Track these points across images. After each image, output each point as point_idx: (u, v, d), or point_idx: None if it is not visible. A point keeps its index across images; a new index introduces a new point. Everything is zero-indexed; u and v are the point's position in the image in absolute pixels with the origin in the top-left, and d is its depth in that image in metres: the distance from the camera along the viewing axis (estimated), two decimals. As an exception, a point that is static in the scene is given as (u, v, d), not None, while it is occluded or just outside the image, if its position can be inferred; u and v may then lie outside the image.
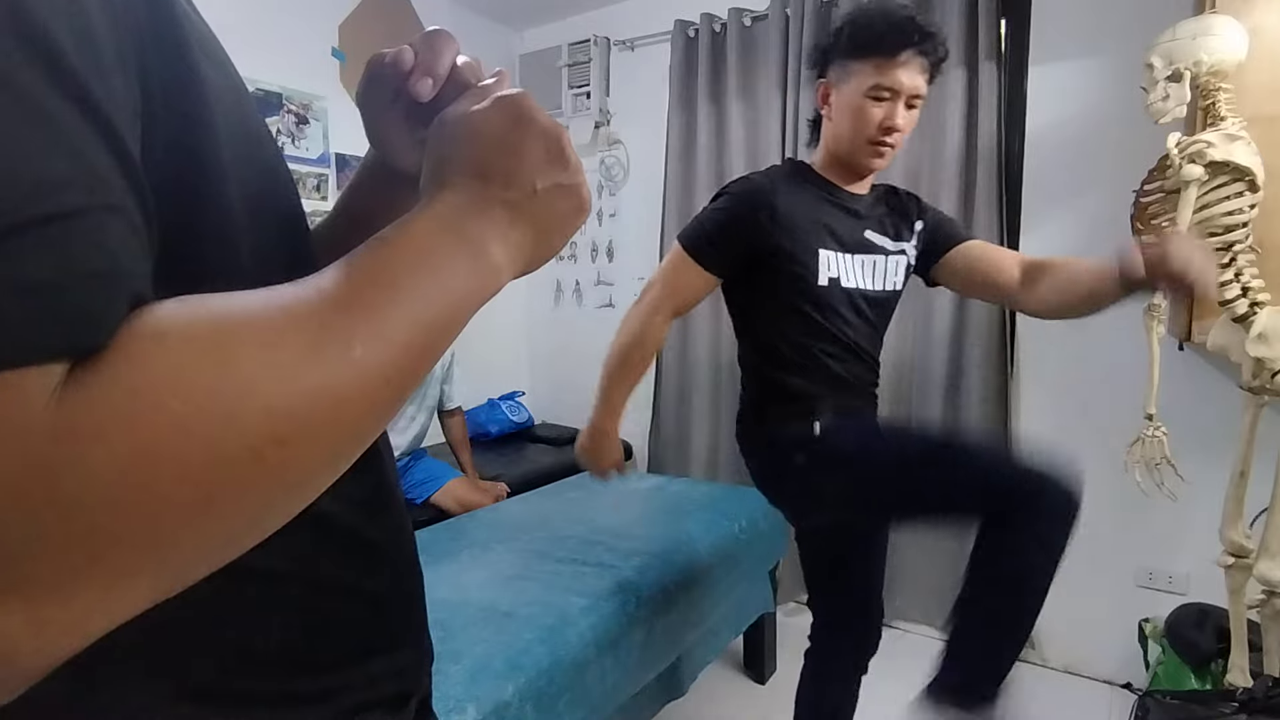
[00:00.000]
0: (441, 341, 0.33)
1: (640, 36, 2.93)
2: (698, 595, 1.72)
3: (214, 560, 0.27)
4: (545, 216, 0.39)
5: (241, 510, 0.26)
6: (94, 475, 0.22)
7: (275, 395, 0.26)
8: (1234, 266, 1.44)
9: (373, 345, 0.29)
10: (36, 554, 0.22)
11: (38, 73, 0.24)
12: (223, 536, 0.27)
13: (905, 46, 1.16)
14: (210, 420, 0.24)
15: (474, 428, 2.97)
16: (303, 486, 0.29)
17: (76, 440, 0.22)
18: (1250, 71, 1.48)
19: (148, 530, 0.24)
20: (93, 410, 0.23)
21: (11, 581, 0.22)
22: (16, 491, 0.22)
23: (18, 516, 0.22)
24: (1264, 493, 1.51)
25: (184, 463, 0.24)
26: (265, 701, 0.39)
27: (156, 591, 0.25)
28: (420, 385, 2.36)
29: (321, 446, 0.28)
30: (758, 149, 2.59)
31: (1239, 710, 1.37)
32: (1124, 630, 2.08)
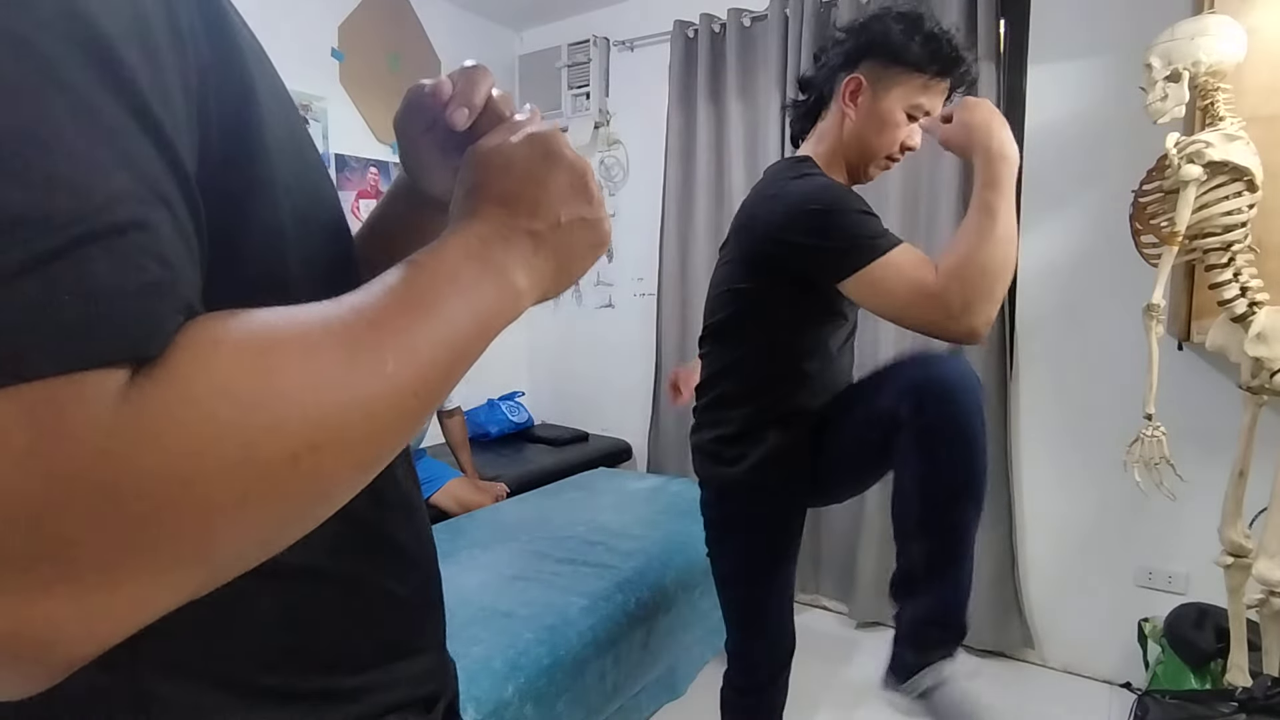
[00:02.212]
0: (466, 359, 0.34)
1: (640, 37, 2.93)
2: (697, 595, 1.72)
3: (250, 557, 0.29)
4: (567, 248, 0.41)
5: (277, 510, 0.28)
6: (146, 473, 0.24)
7: (313, 405, 0.27)
8: (1233, 266, 1.44)
9: (403, 361, 0.31)
10: (88, 543, 0.23)
11: (107, 89, 0.26)
12: (259, 534, 0.28)
13: (958, 73, 1.14)
14: (254, 427, 0.26)
15: (474, 428, 2.97)
16: (332, 492, 0.30)
17: (133, 440, 0.24)
18: (1249, 72, 1.49)
19: (193, 526, 0.25)
20: (150, 413, 0.24)
21: (63, 569, 0.23)
22: (74, 484, 0.23)
23: (74, 508, 0.23)
24: (1263, 492, 1.52)
25: (228, 464, 0.25)
26: (305, 698, 0.41)
27: (197, 584, 0.27)
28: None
29: (353, 454, 0.30)
30: (757, 149, 2.59)
31: (1238, 710, 1.37)
32: (1123, 630, 2.08)
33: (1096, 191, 2.06)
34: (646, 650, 1.54)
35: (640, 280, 3.04)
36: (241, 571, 0.28)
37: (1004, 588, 2.23)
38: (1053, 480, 2.21)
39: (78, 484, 0.23)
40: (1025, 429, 2.23)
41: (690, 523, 1.88)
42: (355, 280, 0.35)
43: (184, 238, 0.28)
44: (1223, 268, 1.44)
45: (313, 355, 0.28)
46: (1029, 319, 2.21)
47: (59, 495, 0.23)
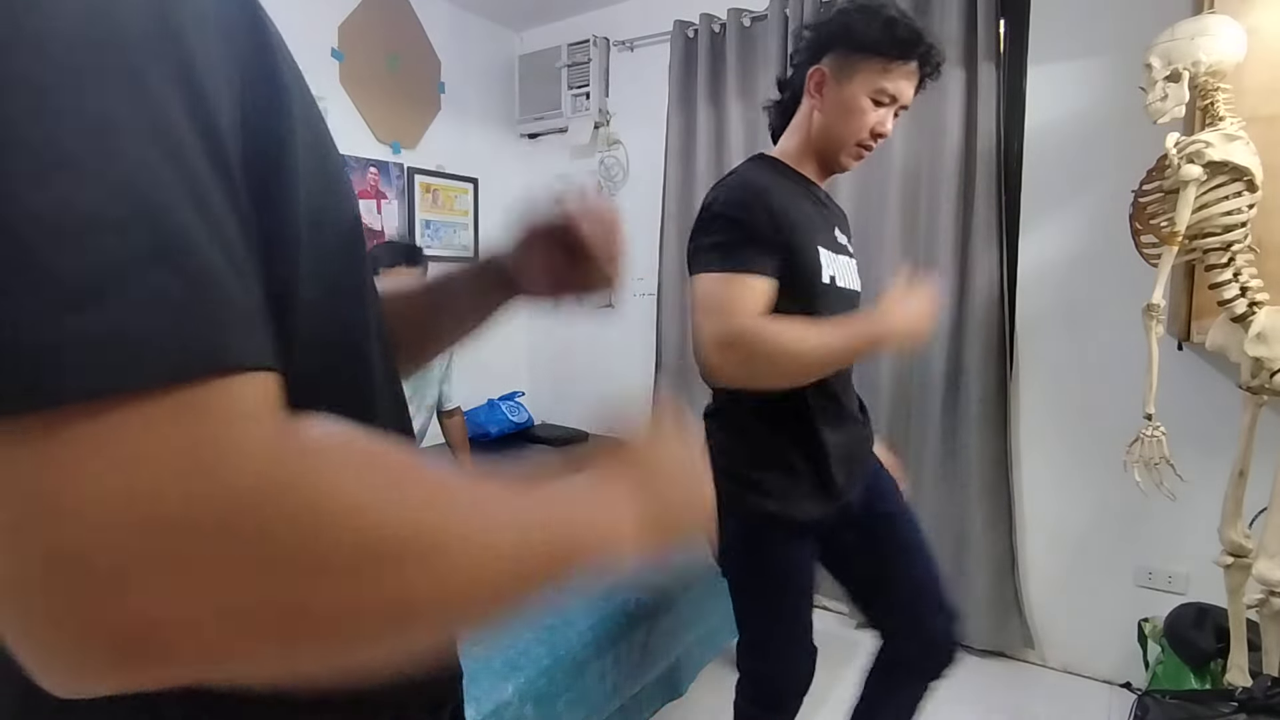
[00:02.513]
0: (523, 591, 0.34)
1: (639, 37, 2.93)
2: (698, 595, 1.72)
3: (324, 652, 0.28)
4: (676, 532, 0.46)
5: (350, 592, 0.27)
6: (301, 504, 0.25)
7: (427, 535, 0.29)
8: (1232, 266, 1.44)
9: (491, 558, 0.31)
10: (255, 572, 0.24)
11: (195, 136, 0.26)
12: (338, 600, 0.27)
13: (918, 53, 1.14)
14: (368, 512, 0.27)
15: (474, 428, 2.97)
16: (401, 619, 0.29)
17: (296, 471, 0.25)
18: (1249, 71, 1.49)
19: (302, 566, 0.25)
20: (305, 459, 0.26)
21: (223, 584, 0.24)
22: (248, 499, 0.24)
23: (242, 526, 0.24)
24: (1263, 492, 1.52)
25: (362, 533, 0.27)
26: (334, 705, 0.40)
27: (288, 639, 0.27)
28: (424, 390, 2.36)
29: (419, 593, 0.29)
30: (757, 149, 2.57)
31: (1238, 710, 1.37)
32: (1123, 630, 2.08)
33: (1096, 191, 2.06)
34: (646, 650, 1.54)
35: (640, 280, 3.04)
36: (319, 659, 0.28)
37: (1004, 588, 2.23)
38: (1053, 480, 2.21)
39: (248, 500, 0.24)
40: (1025, 429, 2.23)
41: (690, 523, 1.88)
42: (365, 287, 0.38)
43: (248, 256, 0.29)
44: (1223, 268, 1.44)
45: (425, 495, 0.30)
46: (1029, 319, 2.21)
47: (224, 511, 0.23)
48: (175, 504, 0.22)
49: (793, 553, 1.24)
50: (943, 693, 2.11)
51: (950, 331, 2.24)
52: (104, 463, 0.22)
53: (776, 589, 1.26)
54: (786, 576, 1.25)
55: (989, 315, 2.19)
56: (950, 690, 2.13)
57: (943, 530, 2.27)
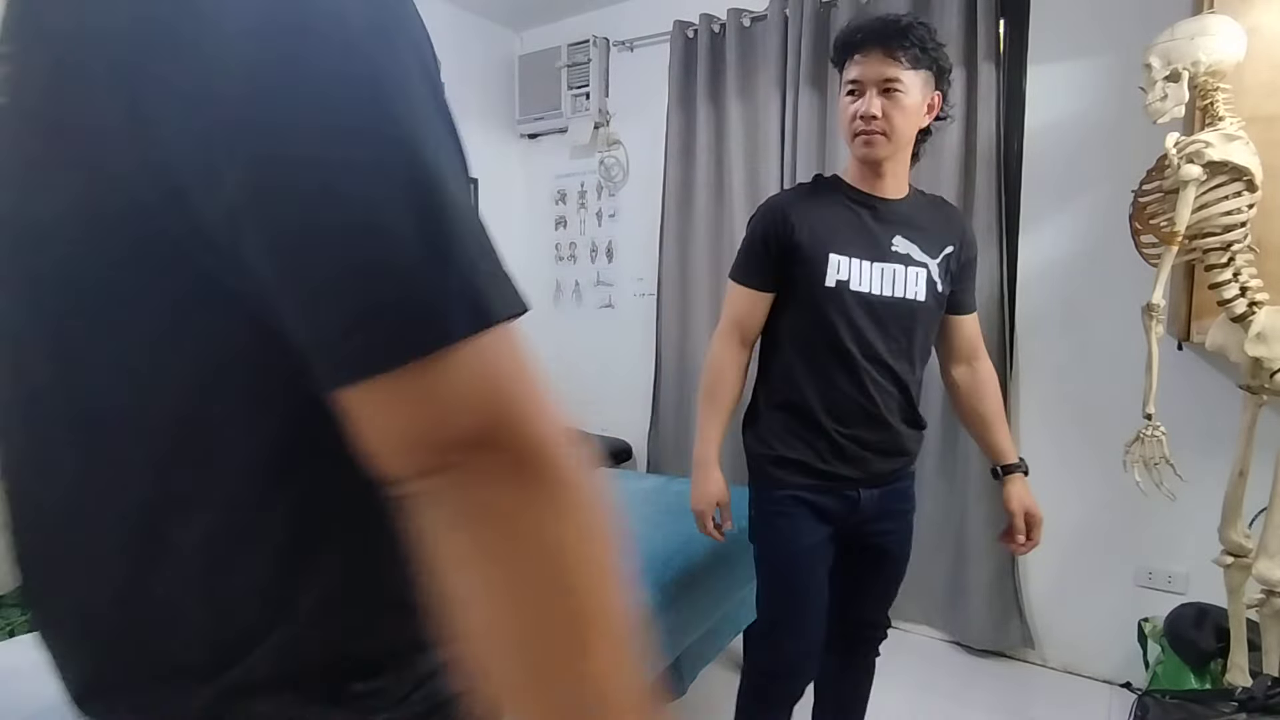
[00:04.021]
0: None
1: (639, 37, 2.93)
2: (698, 595, 1.72)
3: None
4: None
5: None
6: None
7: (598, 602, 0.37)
8: (1232, 266, 1.44)
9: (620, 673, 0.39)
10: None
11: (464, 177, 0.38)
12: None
13: (863, 43, 1.24)
14: (594, 546, 0.37)
15: (474, 428, 2.97)
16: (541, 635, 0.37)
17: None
18: (1248, 71, 1.49)
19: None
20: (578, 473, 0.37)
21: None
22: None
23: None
24: (1263, 492, 1.52)
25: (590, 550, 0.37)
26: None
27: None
28: None
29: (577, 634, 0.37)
30: (757, 149, 2.59)
31: (1238, 709, 1.37)
32: (1123, 630, 2.08)
33: (1096, 191, 2.06)
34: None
35: (640, 280, 3.04)
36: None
37: (1004, 588, 2.23)
38: (1053, 480, 2.20)
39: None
40: (1025, 429, 2.23)
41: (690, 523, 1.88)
42: None
43: None
44: (1222, 268, 1.44)
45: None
46: (1029, 319, 2.21)
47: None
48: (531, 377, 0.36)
49: (805, 532, 1.36)
50: (943, 692, 2.11)
51: (950, 331, 2.24)
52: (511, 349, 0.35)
53: (788, 562, 1.39)
54: (798, 553, 1.37)
55: (989, 315, 2.19)
56: (950, 690, 2.14)
57: (943, 530, 2.27)
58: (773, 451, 1.36)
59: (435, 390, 0.33)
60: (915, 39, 1.22)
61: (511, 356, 0.35)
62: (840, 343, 1.29)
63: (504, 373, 0.35)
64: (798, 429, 1.34)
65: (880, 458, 1.35)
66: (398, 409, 0.33)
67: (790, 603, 1.40)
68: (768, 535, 1.41)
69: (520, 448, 0.34)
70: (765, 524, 1.40)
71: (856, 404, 1.30)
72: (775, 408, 1.38)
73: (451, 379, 0.33)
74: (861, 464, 1.34)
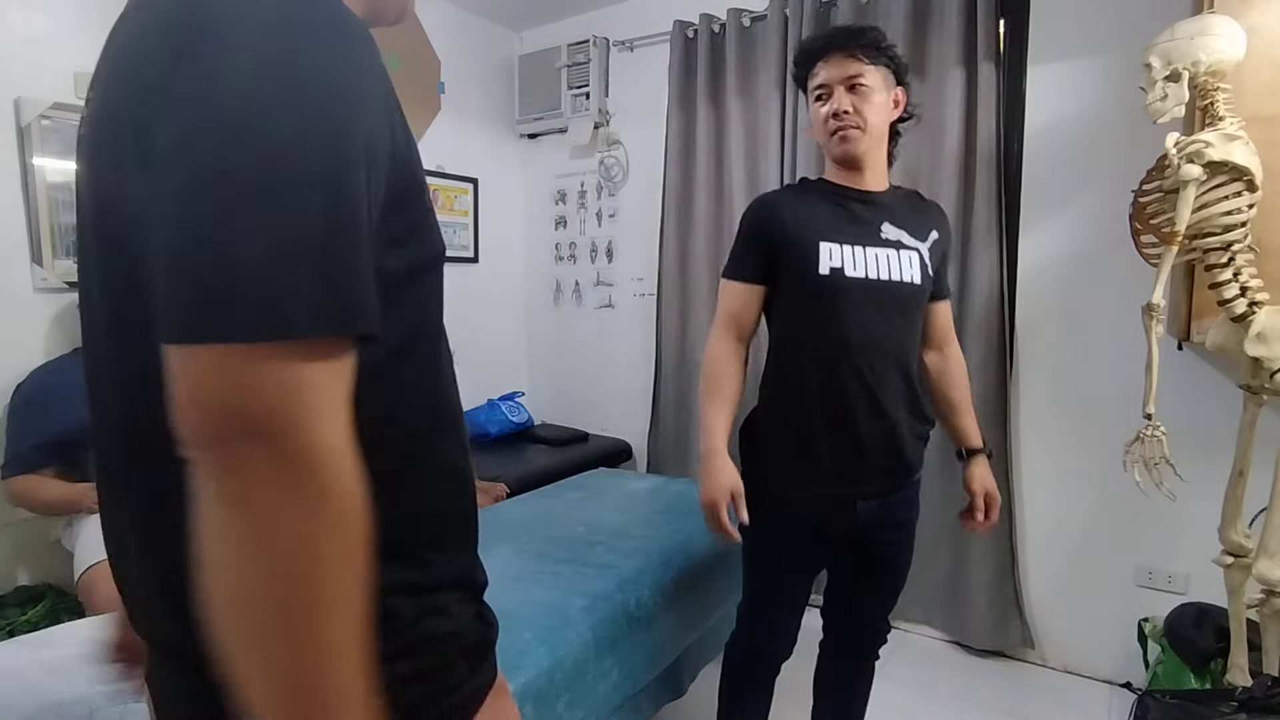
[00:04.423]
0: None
1: (639, 37, 2.93)
2: (698, 595, 1.72)
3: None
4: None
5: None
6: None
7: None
8: (1232, 266, 1.44)
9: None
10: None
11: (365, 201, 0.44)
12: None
13: (824, 49, 1.32)
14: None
15: (473, 428, 2.97)
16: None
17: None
18: (1248, 71, 1.49)
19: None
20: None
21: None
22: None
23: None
24: (1263, 492, 1.52)
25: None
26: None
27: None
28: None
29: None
30: (757, 149, 2.59)
31: (1238, 709, 1.37)
32: (1123, 630, 2.08)
33: (1096, 191, 2.06)
34: (647, 651, 1.54)
35: (640, 280, 3.04)
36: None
37: (1004, 588, 2.23)
38: (1053, 480, 2.21)
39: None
40: (1025, 429, 2.23)
41: (690, 523, 1.88)
42: (441, 290, 0.59)
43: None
44: (1222, 267, 1.44)
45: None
46: (1029, 319, 2.21)
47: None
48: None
49: (795, 546, 1.38)
50: (943, 692, 2.11)
51: (950, 331, 2.24)
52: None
53: (764, 560, 1.42)
54: (779, 552, 1.40)
55: (989, 315, 2.19)
56: (950, 690, 2.14)
57: (942, 530, 2.27)
58: (768, 474, 1.37)
59: (223, 374, 0.38)
60: (870, 39, 1.31)
61: (304, 369, 0.40)
62: (840, 331, 1.29)
63: (291, 381, 0.39)
64: (795, 429, 1.34)
65: (880, 454, 1.33)
66: (189, 378, 0.39)
67: (771, 603, 1.44)
68: (756, 549, 1.43)
69: (284, 449, 0.39)
70: (756, 541, 1.41)
71: (858, 395, 1.29)
72: (773, 412, 1.38)
73: (238, 370, 0.38)
74: (857, 479, 1.33)
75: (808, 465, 1.33)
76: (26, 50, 1.91)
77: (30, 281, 1.96)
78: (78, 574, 1.64)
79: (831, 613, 1.52)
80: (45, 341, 1.98)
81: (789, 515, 1.36)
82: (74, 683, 1.05)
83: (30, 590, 1.88)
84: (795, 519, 1.36)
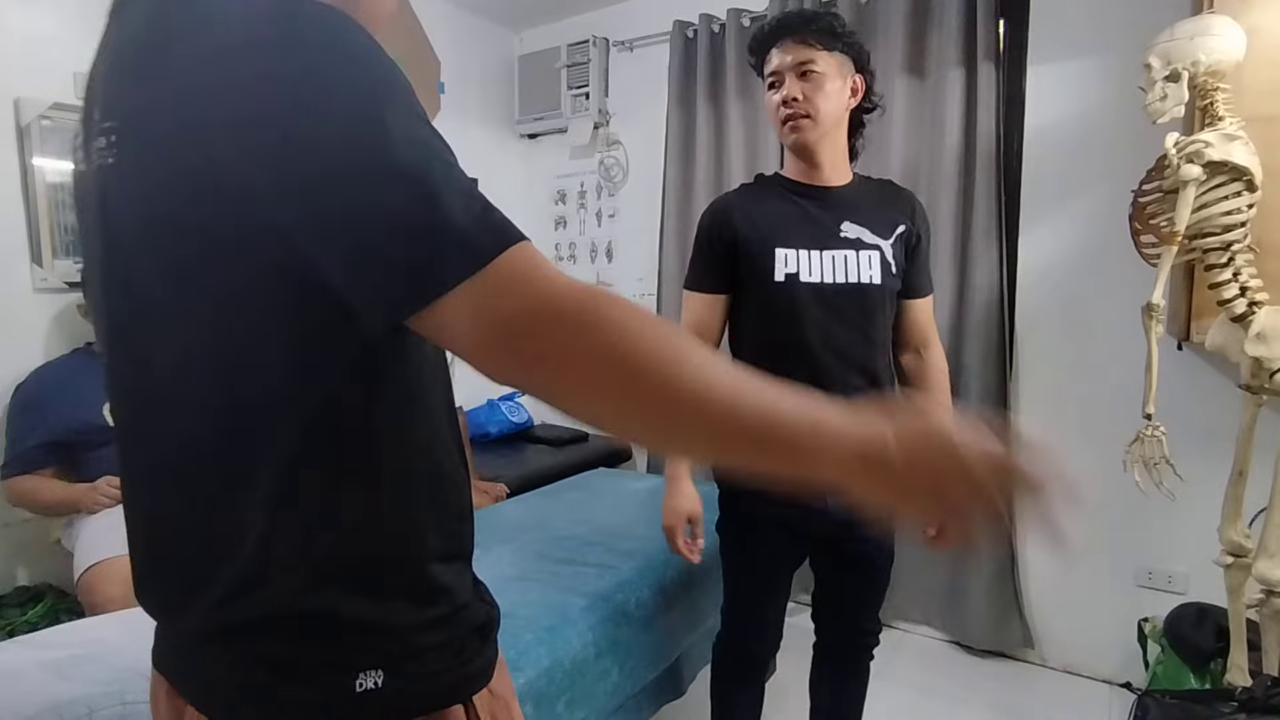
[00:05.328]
0: (735, 433, 0.47)
1: (639, 37, 2.93)
2: (698, 595, 1.72)
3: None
4: (899, 492, 0.48)
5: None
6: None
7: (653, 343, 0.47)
8: (1232, 266, 1.44)
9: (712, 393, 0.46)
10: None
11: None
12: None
13: (775, 34, 1.31)
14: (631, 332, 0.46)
15: (474, 428, 2.97)
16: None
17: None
18: (1248, 71, 1.49)
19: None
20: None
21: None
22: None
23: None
24: (1262, 492, 1.52)
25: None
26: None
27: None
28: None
29: (657, 388, 0.46)
30: (756, 149, 2.59)
31: (1238, 709, 1.37)
32: (1123, 630, 2.08)
33: (1096, 191, 2.06)
34: (647, 651, 1.54)
35: (640, 280, 3.04)
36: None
37: (1004, 588, 2.23)
38: (1053, 480, 2.20)
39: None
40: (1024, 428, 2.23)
41: (690, 523, 1.88)
42: None
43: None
44: (1222, 267, 1.44)
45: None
46: (1029, 319, 2.21)
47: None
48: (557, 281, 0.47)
49: (770, 549, 1.39)
50: (943, 693, 2.11)
51: (950, 331, 2.24)
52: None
53: (740, 560, 1.43)
54: (753, 546, 1.40)
55: (989, 315, 2.19)
56: (950, 690, 2.14)
57: (943, 530, 2.27)
58: (734, 479, 1.36)
59: (485, 294, 0.45)
60: (824, 24, 1.28)
61: (526, 258, 0.47)
62: (799, 338, 1.28)
63: (523, 268, 0.46)
64: None
65: None
66: (475, 311, 0.45)
67: (749, 598, 1.44)
68: (732, 545, 1.43)
69: (548, 308, 0.45)
70: (730, 535, 1.42)
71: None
72: None
73: (490, 285, 0.45)
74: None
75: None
76: (26, 50, 1.91)
77: (30, 281, 1.96)
78: (78, 574, 1.64)
79: (820, 615, 1.51)
80: (45, 341, 1.98)
81: (761, 510, 1.35)
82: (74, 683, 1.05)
83: (30, 590, 1.88)
84: (768, 514, 1.34)
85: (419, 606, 0.58)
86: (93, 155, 0.53)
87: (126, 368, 0.57)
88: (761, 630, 1.45)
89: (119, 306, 0.56)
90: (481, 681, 0.63)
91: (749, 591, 1.44)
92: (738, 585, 1.45)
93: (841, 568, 1.43)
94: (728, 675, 1.52)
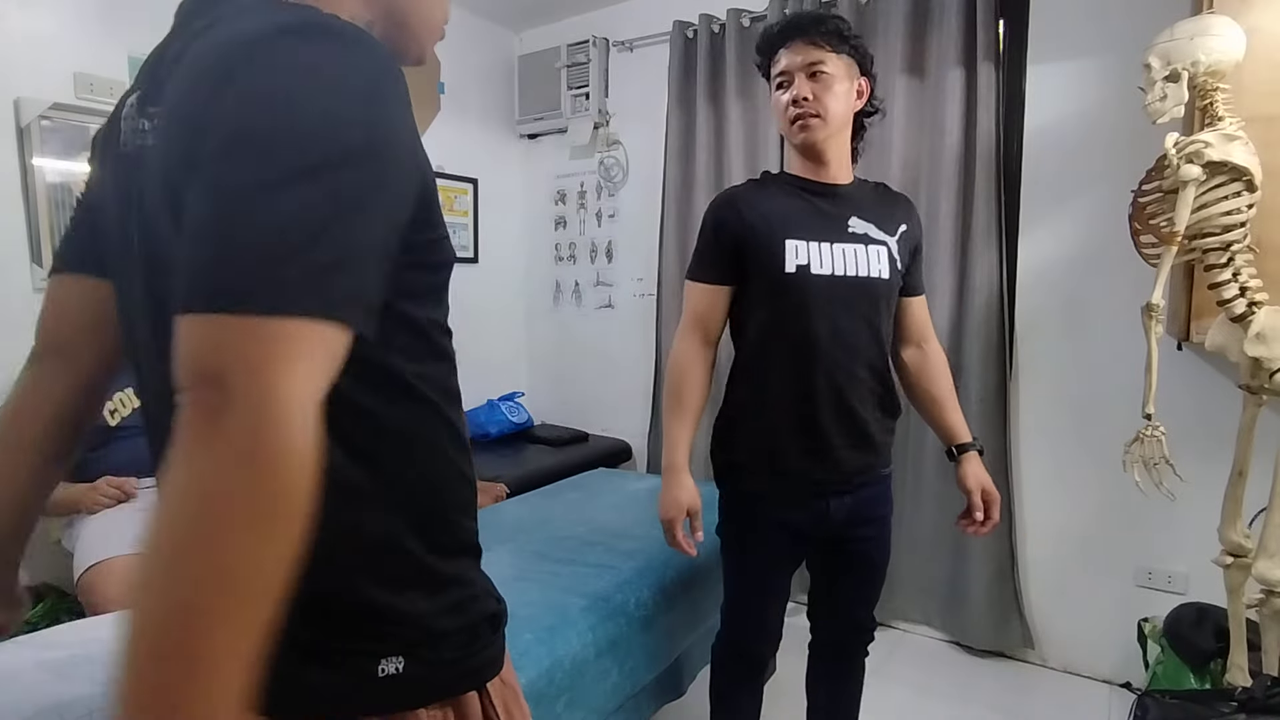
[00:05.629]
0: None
1: (639, 37, 2.93)
2: (697, 595, 1.72)
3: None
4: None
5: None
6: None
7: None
8: (1232, 266, 1.44)
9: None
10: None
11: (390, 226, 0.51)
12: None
13: (785, 36, 1.31)
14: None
15: (474, 428, 2.97)
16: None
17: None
18: (1248, 71, 1.49)
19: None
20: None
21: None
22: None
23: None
24: (1262, 492, 1.52)
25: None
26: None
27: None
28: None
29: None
30: (756, 149, 2.59)
31: (1238, 709, 1.37)
32: (1123, 630, 2.08)
33: (1096, 191, 2.06)
34: (647, 651, 1.54)
35: (640, 280, 3.04)
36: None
37: (1004, 588, 2.23)
38: (1053, 480, 2.21)
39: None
40: (1025, 429, 2.23)
41: (690, 523, 1.88)
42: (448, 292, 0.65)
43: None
44: (1222, 268, 1.44)
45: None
46: (1029, 319, 2.21)
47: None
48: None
49: (771, 549, 1.39)
50: (943, 692, 2.11)
51: (950, 331, 2.24)
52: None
53: (741, 561, 1.43)
54: (754, 547, 1.40)
55: (989, 315, 2.19)
56: (950, 690, 2.14)
57: (942, 530, 2.27)
58: (736, 455, 1.37)
59: (199, 336, 0.42)
60: (833, 26, 1.29)
61: (270, 338, 0.41)
62: (808, 329, 1.28)
63: (253, 343, 0.41)
64: (764, 428, 1.33)
65: (849, 451, 1.33)
66: (183, 337, 0.42)
67: (749, 597, 1.44)
68: (732, 546, 1.44)
69: (223, 399, 0.40)
70: (731, 535, 1.43)
71: (826, 393, 1.29)
72: (742, 411, 1.37)
73: (211, 334, 0.42)
74: (830, 461, 1.32)
75: (776, 464, 1.33)
76: (26, 50, 1.91)
77: (30, 281, 1.96)
78: (78, 574, 1.64)
79: (816, 613, 1.52)
80: (45, 342, 1.98)
81: (763, 511, 1.36)
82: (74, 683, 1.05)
83: (30, 590, 1.88)
84: (769, 515, 1.36)
85: (433, 595, 0.60)
86: (133, 136, 0.57)
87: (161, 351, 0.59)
88: (761, 630, 1.45)
89: (160, 285, 0.57)
90: (494, 669, 0.65)
91: (749, 592, 1.44)
92: (738, 585, 1.45)
93: (839, 567, 1.43)
94: (728, 675, 1.52)
